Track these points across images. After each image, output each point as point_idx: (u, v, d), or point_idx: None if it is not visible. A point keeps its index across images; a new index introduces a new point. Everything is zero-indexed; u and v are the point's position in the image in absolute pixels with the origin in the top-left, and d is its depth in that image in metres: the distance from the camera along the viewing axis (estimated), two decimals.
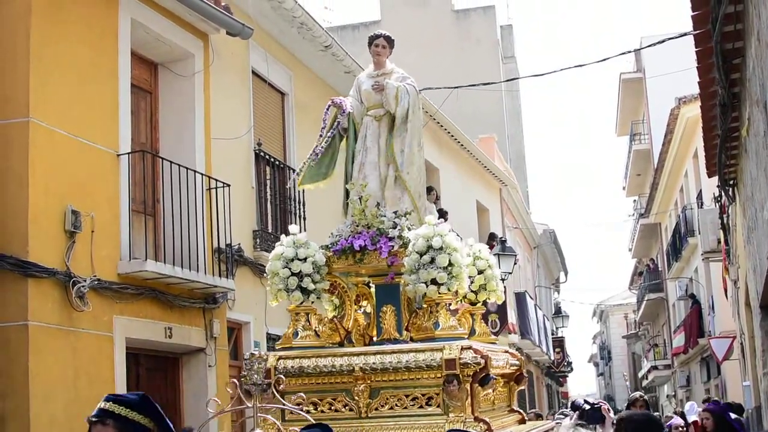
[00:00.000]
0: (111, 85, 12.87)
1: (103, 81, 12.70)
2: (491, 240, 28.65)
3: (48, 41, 11.82)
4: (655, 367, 53.07)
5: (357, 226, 10.12)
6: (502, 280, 26.28)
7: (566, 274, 56.67)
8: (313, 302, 10.04)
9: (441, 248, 9.41)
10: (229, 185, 14.32)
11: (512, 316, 30.97)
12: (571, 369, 55.42)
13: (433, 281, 9.40)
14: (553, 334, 45.74)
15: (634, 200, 56.10)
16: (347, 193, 10.59)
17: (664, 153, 36.65)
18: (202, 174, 14.06)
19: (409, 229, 9.90)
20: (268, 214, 16.83)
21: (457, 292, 10.06)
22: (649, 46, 24.24)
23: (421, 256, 9.47)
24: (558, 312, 48.38)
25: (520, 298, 33.54)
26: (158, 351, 13.70)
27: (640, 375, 65.57)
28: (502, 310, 27.24)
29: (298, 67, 18.35)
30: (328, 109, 10.82)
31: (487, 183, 31.80)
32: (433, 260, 9.40)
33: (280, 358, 9.74)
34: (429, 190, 23.64)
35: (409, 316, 9.93)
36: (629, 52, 32.17)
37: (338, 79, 19.37)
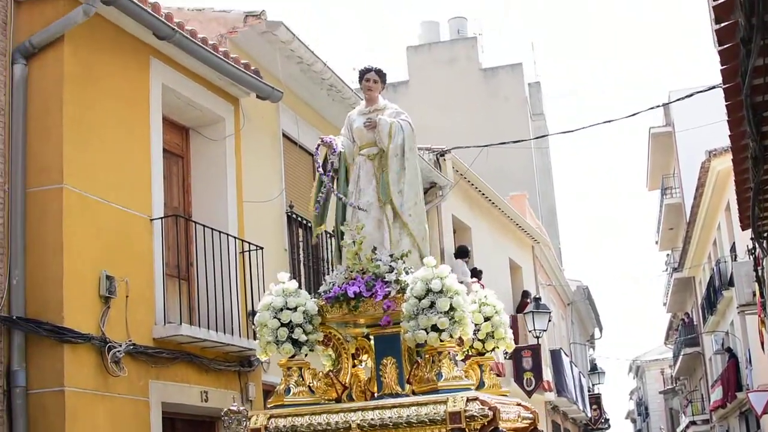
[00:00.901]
0: (143, 150, 12.96)
1: (135, 146, 12.79)
2: (525, 298, 28.59)
3: (81, 107, 11.93)
4: (693, 423, 52.62)
5: (351, 271, 9.71)
6: (537, 338, 26.48)
7: (601, 330, 56.33)
8: (306, 355, 9.62)
9: (441, 291, 8.96)
10: (261, 248, 14.35)
11: (547, 374, 30.74)
12: (609, 426, 54.87)
13: (434, 328, 8.92)
14: (589, 391, 45.37)
15: (668, 254, 55.82)
16: (342, 236, 10.18)
17: (695, 206, 36.52)
18: (234, 237, 14.10)
19: (407, 273, 9.51)
20: (301, 275, 16.83)
21: (462, 340, 9.59)
22: (678, 100, 24.27)
23: (420, 300, 9.01)
24: (594, 368, 48.03)
25: (555, 355, 33.31)
26: (194, 415, 13.67)
27: (678, 431, 64.92)
28: (536, 367, 27.06)
29: (328, 128, 18.36)
30: (318, 149, 10.57)
31: (520, 241, 31.73)
32: (432, 305, 8.94)
33: (271, 416, 9.35)
34: (463, 250, 23.69)
35: (410, 367, 9.48)
36: (658, 106, 32.21)
37: None
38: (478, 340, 10.15)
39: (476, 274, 23.81)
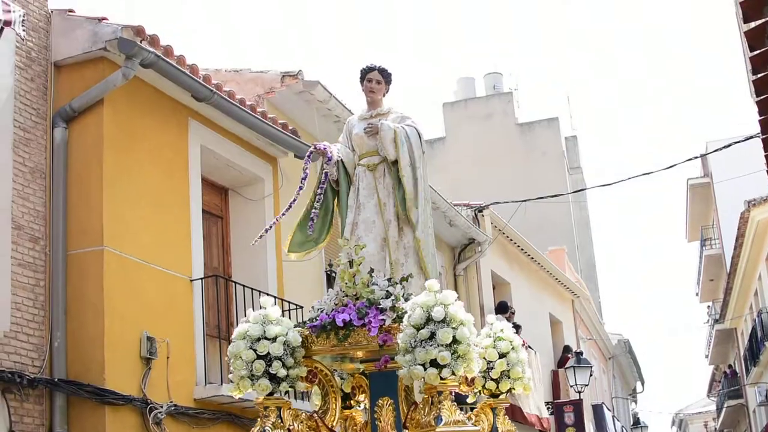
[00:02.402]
0: (183, 211, 13.03)
1: (174, 207, 12.87)
2: (566, 353, 28.43)
3: (120, 169, 12.03)
4: None
5: (345, 296, 8.51)
6: (578, 392, 26.26)
7: (643, 384, 55.86)
8: (287, 392, 8.42)
9: (443, 321, 7.74)
10: (301, 307, 14.34)
11: (590, 429, 30.48)
12: None
13: (434, 363, 7.69)
14: None
15: (708, 306, 55.37)
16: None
17: (736, 257, 36.28)
18: (274, 296, 14.09)
19: (406, 299, 8.25)
20: None
21: (472, 380, 8.42)
22: (716, 150, 24.15)
23: (418, 330, 7.78)
24: (636, 423, 47.55)
25: (597, 410, 33.04)
26: None
27: None
28: (579, 422, 26.86)
29: None
30: (309, 156, 9.41)
31: (559, 295, 31.59)
32: (433, 336, 7.71)
33: None
34: (504, 305, 23.60)
35: (407, 409, 8.33)
36: (696, 157, 31.98)
37: None
38: (492, 379, 8.90)
39: (517, 330, 23.70)
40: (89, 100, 11.99)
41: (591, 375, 27.33)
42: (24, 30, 11.26)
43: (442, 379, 7.75)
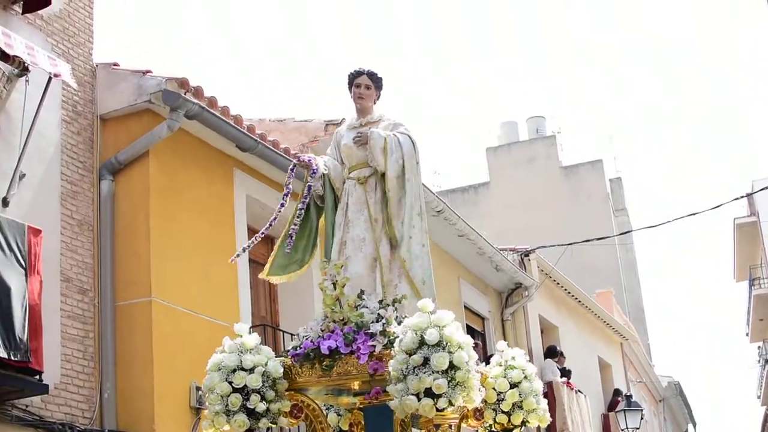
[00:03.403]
0: (229, 264, 13.05)
1: (221, 257, 12.89)
2: (616, 396, 28.17)
3: (167, 221, 12.10)
4: None
5: (331, 321, 7.72)
6: None
7: (695, 426, 55.24)
8: (268, 430, 7.80)
9: (438, 344, 7.01)
10: None
11: None
12: None
13: (428, 392, 6.93)
14: None
15: (759, 346, 54.79)
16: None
17: None
18: None
19: (399, 323, 7.50)
20: None
21: (481, 413, 7.85)
22: (762, 189, 24.02)
23: (410, 356, 7.04)
24: None
25: None
26: None
27: None
28: None
29: None
30: (292, 170, 8.64)
31: (608, 338, 31.35)
32: (426, 361, 6.97)
33: None
34: (553, 349, 23.48)
35: None
36: (742, 197, 31.80)
37: (452, 243, 19.45)
38: (503, 412, 8.04)
39: (565, 373, 23.59)
40: (135, 152, 12.09)
41: (642, 418, 27.06)
42: (74, 80, 11.39)
43: (438, 410, 6.99)
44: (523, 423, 8.19)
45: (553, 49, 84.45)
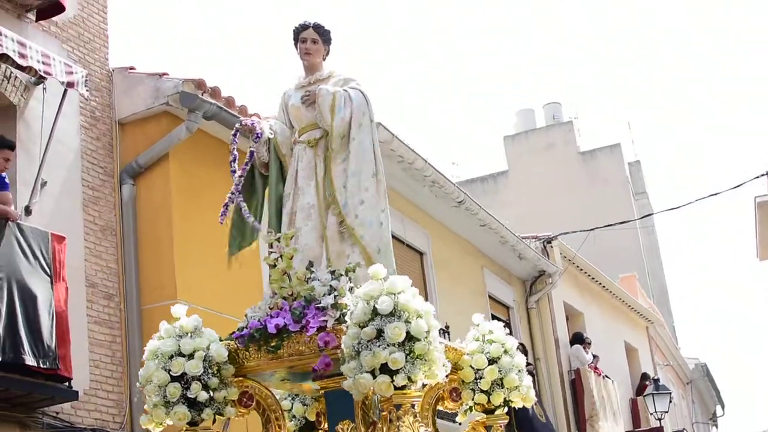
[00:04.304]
0: (254, 259, 13.00)
1: (245, 259, 12.86)
2: (644, 380, 28.10)
3: (189, 222, 12.10)
4: None
5: (279, 298, 7.00)
6: (659, 420, 25.90)
7: (723, 408, 55.10)
8: (214, 422, 6.91)
9: (392, 313, 6.21)
10: None
11: None
12: None
13: (384, 369, 6.15)
14: None
15: None
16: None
17: None
18: None
19: (352, 293, 6.69)
20: None
21: (458, 393, 7.25)
22: None
23: (362, 328, 6.25)
24: None
25: None
26: None
27: None
28: None
29: (433, 225, 18.41)
30: (235, 135, 7.87)
31: (633, 322, 31.26)
32: (380, 334, 6.18)
33: None
34: (579, 336, 23.42)
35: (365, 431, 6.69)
36: (762, 175, 31.67)
37: (474, 233, 19.43)
38: (482, 391, 7.32)
39: (594, 359, 23.56)
40: (155, 155, 12.10)
41: (670, 401, 27.01)
42: (87, 90, 11.39)
43: (397, 388, 6.18)
44: (506, 403, 7.45)
45: (567, 34, 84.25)
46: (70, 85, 11.03)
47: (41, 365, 9.88)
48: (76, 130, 11.83)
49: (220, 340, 7.07)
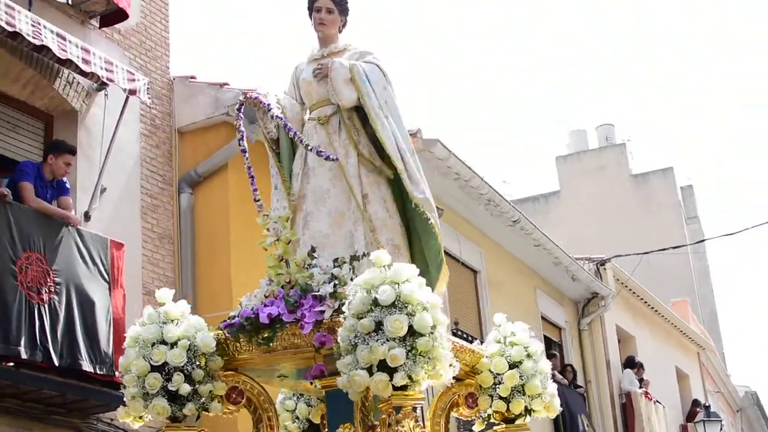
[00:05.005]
0: None
1: None
2: (695, 407, 27.80)
3: (247, 232, 11.94)
4: None
5: (276, 286, 6.43)
6: None
7: None
8: (198, 418, 6.31)
9: (393, 305, 5.58)
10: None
11: None
12: None
13: (382, 366, 5.51)
14: None
15: None
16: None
17: None
18: None
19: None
20: None
21: (474, 400, 6.63)
22: None
23: (360, 320, 5.63)
24: None
25: None
26: None
27: None
28: None
29: (487, 243, 18.29)
30: (240, 110, 7.25)
31: (685, 348, 30.98)
32: (379, 326, 5.55)
33: None
34: (632, 360, 23.21)
35: None
36: None
37: (528, 253, 19.31)
38: (500, 398, 6.60)
39: (643, 383, 23.36)
40: (214, 165, 12.09)
41: (721, 429, 26.69)
42: (149, 98, 11.40)
43: (396, 388, 5.53)
44: (527, 411, 6.72)
45: (623, 56, 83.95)
46: (131, 92, 11.04)
47: (98, 371, 9.89)
48: (136, 137, 11.85)
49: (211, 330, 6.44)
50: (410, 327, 5.52)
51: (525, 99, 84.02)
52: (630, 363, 23.11)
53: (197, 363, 6.21)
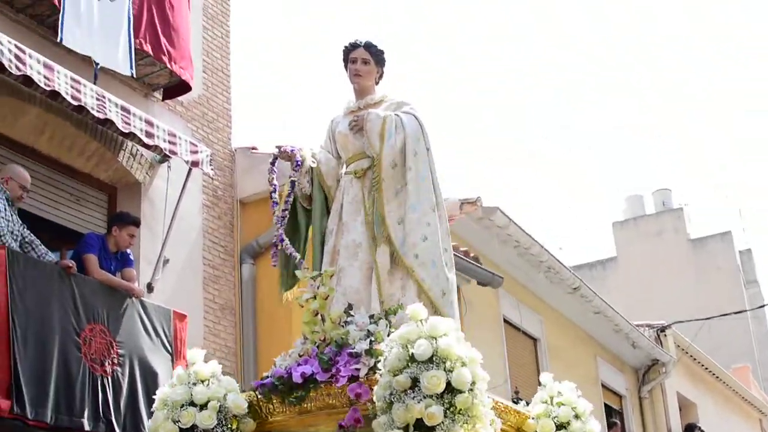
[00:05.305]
0: None
1: None
2: None
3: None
4: None
5: (310, 343, 6.28)
6: None
7: None
8: None
9: (430, 360, 5.34)
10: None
11: None
12: None
13: (419, 425, 5.26)
14: None
15: None
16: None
17: None
18: None
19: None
20: None
21: None
22: None
23: (395, 376, 5.37)
24: None
25: None
26: None
27: None
28: None
29: (547, 311, 18.21)
30: (273, 163, 7.27)
31: (747, 414, 30.59)
32: (416, 383, 5.29)
33: None
34: (692, 428, 22.88)
35: None
36: None
37: (588, 320, 19.19)
38: None
39: None
40: (275, 235, 12.07)
41: None
42: (211, 169, 11.48)
43: None
44: None
45: (677, 121, 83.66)
46: (194, 164, 11.12)
47: None
48: (198, 208, 11.92)
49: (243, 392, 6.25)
50: (448, 383, 5.33)
51: (581, 165, 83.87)
52: (691, 430, 22.83)
53: (228, 426, 6.06)
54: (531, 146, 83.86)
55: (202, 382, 6.17)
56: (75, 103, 9.82)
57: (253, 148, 12.78)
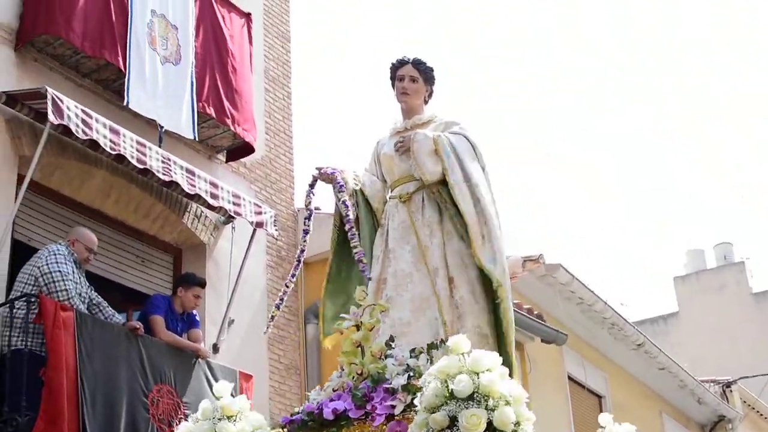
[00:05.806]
0: None
1: None
2: None
3: None
4: None
5: (347, 376, 5.77)
6: None
7: None
8: None
9: (471, 397, 4.87)
10: None
11: None
12: None
13: None
14: None
15: None
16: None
17: None
18: None
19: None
20: None
21: None
22: None
23: (432, 413, 4.90)
24: None
25: None
26: None
27: None
28: None
29: (612, 367, 18.05)
30: (312, 186, 6.91)
31: None
32: (454, 422, 4.82)
33: None
34: None
35: None
36: None
37: (653, 376, 19.00)
38: None
39: None
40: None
41: None
42: (275, 230, 11.54)
43: None
44: None
45: (737, 174, 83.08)
46: (258, 225, 11.19)
47: None
48: (262, 269, 11.97)
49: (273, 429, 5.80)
50: (489, 423, 4.85)
51: (640, 219, 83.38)
52: None
53: None
54: (594, 203, 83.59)
55: (229, 417, 5.76)
56: (140, 166, 9.95)
57: (317, 208, 12.79)
